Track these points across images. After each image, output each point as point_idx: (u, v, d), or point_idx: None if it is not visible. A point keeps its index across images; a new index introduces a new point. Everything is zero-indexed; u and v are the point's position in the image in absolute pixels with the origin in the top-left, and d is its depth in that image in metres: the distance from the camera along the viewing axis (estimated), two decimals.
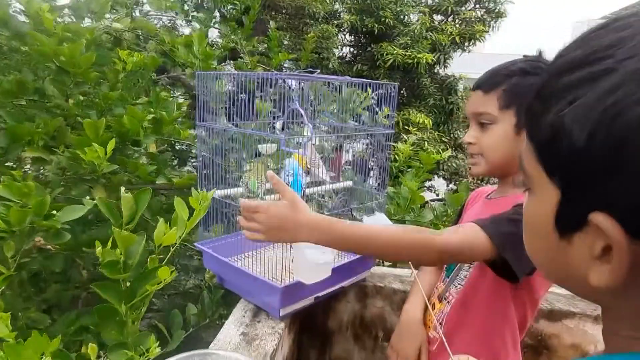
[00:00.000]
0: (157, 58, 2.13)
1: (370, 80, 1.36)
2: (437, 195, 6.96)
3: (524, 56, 0.99)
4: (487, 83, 0.97)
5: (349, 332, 1.43)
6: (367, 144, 1.81)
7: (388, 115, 1.68)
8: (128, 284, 0.83)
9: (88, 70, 1.55)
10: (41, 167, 1.60)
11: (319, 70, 1.35)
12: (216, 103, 2.34)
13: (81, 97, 1.69)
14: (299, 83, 1.84)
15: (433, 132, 6.93)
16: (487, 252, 0.85)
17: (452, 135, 7.38)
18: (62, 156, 1.48)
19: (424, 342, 1.07)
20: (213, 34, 3.57)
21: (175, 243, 0.91)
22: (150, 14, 3.08)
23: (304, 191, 1.18)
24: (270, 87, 1.48)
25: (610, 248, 0.32)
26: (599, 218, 0.31)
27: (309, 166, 1.36)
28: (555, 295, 1.39)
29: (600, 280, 0.33)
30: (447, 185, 7.56)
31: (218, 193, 1.23)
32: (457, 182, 7.60)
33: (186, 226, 0.92)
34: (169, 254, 0.92)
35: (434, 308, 1.07)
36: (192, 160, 2.58)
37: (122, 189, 0.87)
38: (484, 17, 7.74)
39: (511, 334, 0.97)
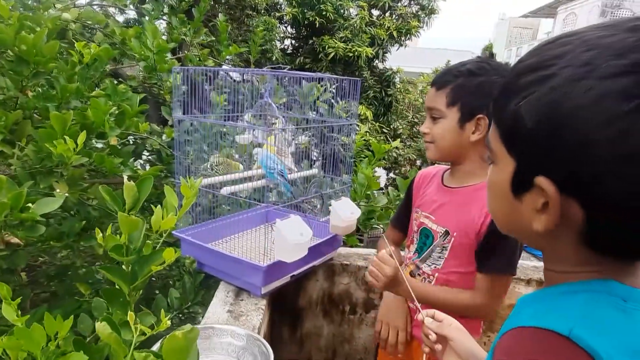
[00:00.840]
0: (110, 50, 2.10)
1: (335, 76, 1.46)
2: (381, 188, 7.25)
3: (477, 56, 1.16)
4: (439, 81, 1.13)
5: (319, 308, 1.56)
6: (309, 136, 1.93)
7: (346, 107, 1.81)
8: (130, 267, 0.89)
9: (50, 60, 1.53)
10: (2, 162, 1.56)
11: (289, 67, 1.44)
12: (172, 97, 2.36)
13: (40, 89, 1.66)
14: (242, 76, 1.92)
15: (374, 123, 7.20)
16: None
17: (391, 127, 7.70)
18: (26, 149, 1.46)
19: (408, 312, 1.21)
20: (159, 26, 3.51)
21: (169, 229, 0.97)
22: (94, 4, 2.98)
23: (287, 177, 1.28)
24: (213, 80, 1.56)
25: (547, 204, 0.45)
26: (541, 180, 0.44)
27: (278, 155, 1.46)
28: None
29: (540, 226, 0.47)
30: (387, 175, 7.89)
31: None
32: (397, 172, 7.96)
33: (178, 213, 0.99)
34: (162, 238, 0.99)
35: None
36: (147, 154, 2.56)
37: (125, 176, 0.92)
38: (418, 13, 8.12)
39: None
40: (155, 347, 0.93)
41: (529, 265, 1.62)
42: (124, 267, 0.88)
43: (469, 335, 0.82)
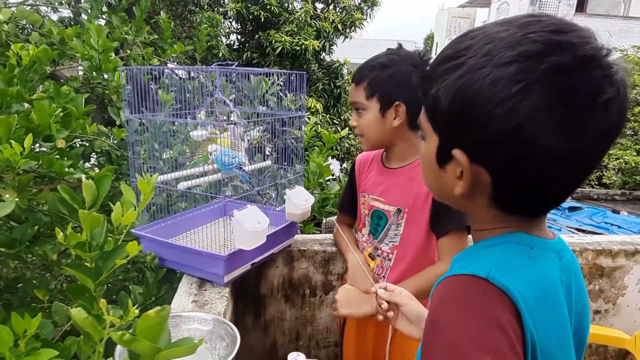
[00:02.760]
0: (50, 51, 2.04)
1: (282, 71, 1.52)
2: (333, 175, 7.36)
3: (388, 48, 1.26)
4: (357, 77, 1.24)
5: (280, 293, 1.62)
6: (262, 131, 1.98)
7: (295, 100, 1.87)
8: (94, 263, 0.91)
9: None
10: None
11: (237, 63, 1.48)
12: (122, 97, 2.32)
13: None
14: (189, 73, 1.94)
15: (324, 115, 7.30)
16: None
17: (342, 118, 7.83)
18: None
19: (373, 274, 1.30)
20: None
21: (128, 225, 1.00)
22: (26, 3, 2.85)
23: (243, 168, 1.32)
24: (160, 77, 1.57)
25: (463, 172, 0.54)
26: (456, 152, 0.53)
27: (232, 149, 1.50)
28: None
29: (459, 191, 0.56)
30: (341, 165, 8.03)
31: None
32: (349, 162, 8.12)
33: (137, 209, 1.02)
34: (123, 235, 1.01)
35: (369, 265, 1.32)
36: (95, 156, 2.51)
37: (83, 176, 0.94)
38: (361, 5, 8.26)
39: None
40: None
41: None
42: (87, 264, 0.90)
43: (417, 302, 0.92)
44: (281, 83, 2.01)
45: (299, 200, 1.42)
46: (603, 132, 0.49)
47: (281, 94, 2.10)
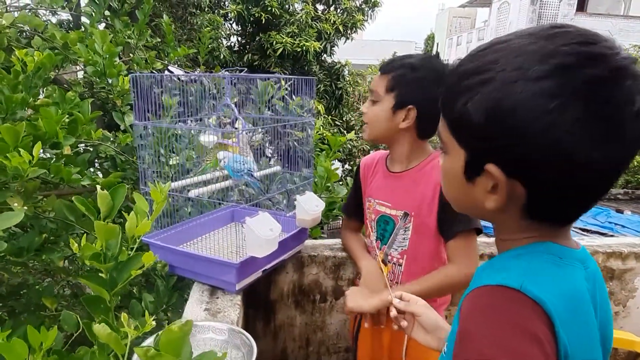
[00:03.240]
0: (54, 56, 2.03)
1: (291, 76, 1.51)
2: (339, 180, 7.37)
3: (425, 53, 1.26)
4: (384, 67, 1.23)
5: (290, 299, 1.61)
6: (263, 133, 1.97)
7: (302, 104, 1.86)
8: (109, 274, 0.90)
9: None
10: None
11: (245, 69, 1.47)
12: (123, 101, 2.31)
13: None
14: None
15: (326, 117, 7.29)
16: None
17: (344, 119, 7.82)
18: None
19: (386, 279, 1.28)
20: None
21: (141, 235, 0.99)
22: (28, 7, 2.84)
23: (253, 174, 1.31)
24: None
25: (496, 186, 0.54)
26: (490, 167, 0.53)
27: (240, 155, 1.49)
28: None
29: (491, 205, 0.56)
30: (343, 166, 8.02)
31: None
32: (351, 163, 8.11)
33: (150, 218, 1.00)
34: (137, 244, 1.00)
35: (382, 272, 1.29)
36: (100, 161, 2.50)
37: (98, 186, 0.93)
38: (362, 6, 8.26)
39: None
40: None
41: (481, 241, 1.74)
42: (102, 274, 0.89)
43: (434, 311, 0.91)
44: (288, 87, 2.00)
45: (310, 206, 1.41)
46: (635, 140, 0.49)
47: (287, 97, 2.09)
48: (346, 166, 8.14)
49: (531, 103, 0.48)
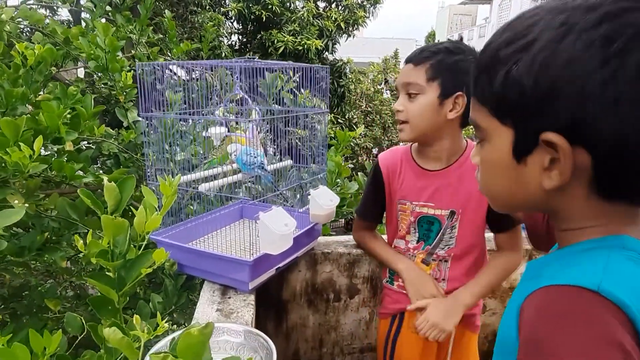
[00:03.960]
0: (55, 50, 1.97)
1: (303, 65, 1.45)
2: (349, 175, 7.32)
3: (448, 40, 1.18)
4: (417, 58, 1.12)
5: (303, 298, 1.54)
6: (266, 131, 1.91)
7: (315, 96, 1.80)
8: (117, 273, 0.84)
9: None
10: None
11: (257, 57, 1.41)
12: (126, 97, 2.24)
13: None
14: (190, 74, 1.87)
15: (329, 114, 7.22)
16: None
17: (346, 117, 7.76)
18: None
19: (433, 280, 1.23)
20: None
21: (149, 231, 0.93)
22: (27, 3, 2.78)
23: (266, 168, 1.25)
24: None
25: (554, 160, 0.47)
26: (548, 135, 0.46)
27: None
28: None
29: (552, 182, 0.48)
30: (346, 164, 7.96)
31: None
32: (354, 161, 8.05)
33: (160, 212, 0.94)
34: (145, 241, 0.94)
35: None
36: (102, 159, 2.44)
37: (105, 178, 0.87)
38: (364, 3, 8.19)
39: None
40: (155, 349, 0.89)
41: None
42: (109, 273, 0.83)
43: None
44: (297, 79, 1.93)
45: (324, 201, 1.35)
46: None
47: (296, 90, 2.02)
48: (349, 164, 8.08)
49: (588, 52, 0.42)
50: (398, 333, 1.28)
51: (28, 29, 2.46)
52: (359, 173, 2.11)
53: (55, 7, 3.47)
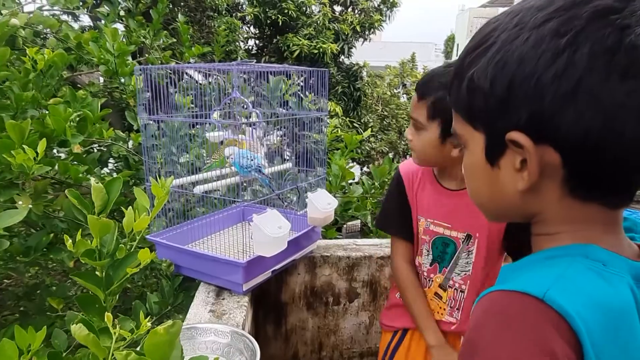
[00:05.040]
0: (66, 55, 2.02)
1: (302, 68, 1.45)
2: (354, 179, 7.29)
3: (445, 54, 1.15)
4: (422, 89, 1.05)
5: (302, 302, 1.54)
6: (281, 135, 1.91)
7: (315, 100, 1.80)
8: (104, 272, 0.85)
9: (1, 67, 1.46)
10: None
11: (255, 61, 1.42)
12: (137, 101, 2.29)
13: None
14: (207, 78, 1.89)
15: (344, 118, 7.22)
16: None
17: (362, 121, 7.74)
18: None
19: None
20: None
21: (142, 231, 0.94)
22: (44, 8, 2.87)
23: (264, 171, 1.25)
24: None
25: (525, 161, 0.46)
26: (512, 135, 0.45)
27: (250, 151, 1.43)
28: None
29: (524, 183, 0.47)
30: (362, 169, 7.93)
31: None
32: (370, 165, 8.02)
33: (151, 213, 0.95)
34: (136, 242, 0.95)
35: (441, 297, 1.17)
36: (113, 161, 2.49)
37: (92, 179, 0.88)
38: (380, 7, 8.18)
39: None
40: None
41: None
42: (97, 272, 0.84)
43: None
44: (301, 83, 1.94)
45: (322, 204, 1.34)
46: None
47: (301, 94, 2.03)
48: (365, 168, 8.05)
49: (539, 47, 0.42)
50: (398, 347, 1.23)
51: (46, 35, 2.53)
52: (363, 177, 2.10)
53: (76, 14, 3.55)
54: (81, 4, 2.76)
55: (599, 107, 0.41)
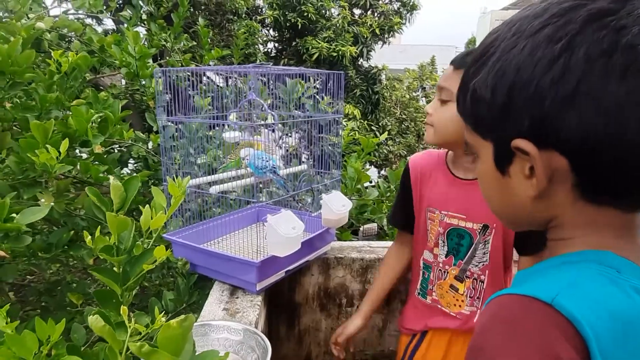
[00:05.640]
0: (89, 57, 2.07)
1: (318, 70, 1.46)
2: (371, 181, 7.28)
3: None
4: (459, 61, 1.04)
5: (315, 303, 1.54)
6: (299, 138, 1.92)
7: (332, 103, 1.81)
8: (122, 268, 0.87)
9: (26, 70, 1.51)
10: None
11: (271, 63, 1.43)
12: (156, 102, 2.33)
13: (18, 100, 1.63)
14: (227, 81, 1.91)
15: (362, 121, 7.22)
16: None
17: (380, 124, 7.72)
18: (6, 161, 1.44)
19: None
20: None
21: (158, 228, 0.96)
22: (69, 12, 2.95)
23: (279, 172, 1.27)
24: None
25: (534, 167, 0.45)
26: (516, 142, 0.45)
27: (266, 152, 1.44)
28: None
29: (533, 190, 0.47)
30: (379, 172, 7.91)
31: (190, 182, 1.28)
32: (388, 168, 7.99)
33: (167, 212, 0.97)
34: (153, 239, 0.97)
35: (457, 289, 1.16)
36: (133, 162, 2.54)
37: (111, 177, 0.91)
38: (400, 9, 8.16)
39: None
40: None
41: None
42: (115, 268, 0.86)
43: None
44: (317, 86, 1.95)
45: (336, 206, 1.35)
46: None
47: (317, 97, 2.04)
48: (382, 172, 8.02)
49: (535, 55, 0.43)
50: (416, 349, 1.23)
51: (70, 38, 2.60)
52: (379, 180, 2.09)
53: (100, 17, 3.65)
54: (105, 7, 2.83)
55: (599, 109, 0.40)
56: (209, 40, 3.22)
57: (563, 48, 0.41)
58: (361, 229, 3.06)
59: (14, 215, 1.19)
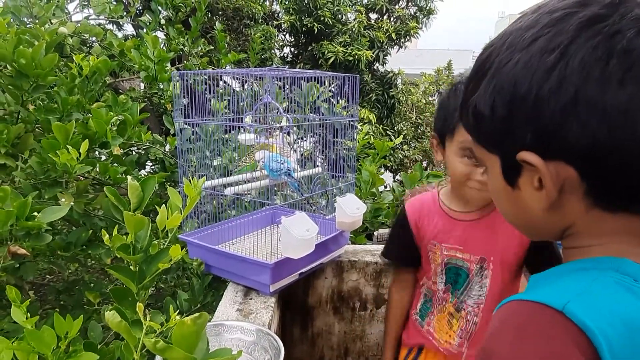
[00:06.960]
0: (109, 61, 2.12)
1: (333, 74, 1.46)
2: (386, 187, 7.25)
3: None
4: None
5: (329, 306, 1.54)
6: (314, 142, 1.92)
7: (346, 106, 1.81)
8: (138, 266, 0.89)
9: (49, 73, 1.55)
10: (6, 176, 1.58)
11: (287, 67, 1.45)
12: (173, 105, 2.37)
13: (41, 103, 1.68)
14: (243, 85, 1.93)
15: (377, 126, 7.20)
16: None
17: (395, 129, 7.69)
18: (29, 161, 1.48)
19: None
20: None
21: (174, 228, 0.98)
22: (90, 17, 3.02)
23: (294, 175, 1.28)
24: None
25: (541, 179, 0.45)
26: (522, 155, 0.45)
27: (281, 154, 1.45)
28: None
29: (544, 202, 0.46)
30: (394, 177, 7.87)
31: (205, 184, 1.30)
32: (402, 173, 7.95)
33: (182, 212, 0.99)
34: (169, 239, 0.99)
35: (451, 327, 1.14)
36: (150, 164, 2.58)
37: (129, 177, 0.93)
38: (416, 14, 8.13)
39: None
40: None
41: None
42: (131, 267, 0.88)
43: None
44: (333, 89, 1.96)
45: (350, 209, 1.35)
46: None
47: (333, 100, 2.05)
48: (397, 177, 7.98)
49: (530, 68, 0.43)
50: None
51: (91, 43, 2.66)
52: (394, 184, 2.08)
53: (120, 22, 3.73)
54: (125, 13, 2.89)
55: (602, 115, 0.40)
56: (225, 44, 3.26)
57: (557, 58, 0.41)
58: (375, 233, 3.05)
59: (35, 213, 1.22)
